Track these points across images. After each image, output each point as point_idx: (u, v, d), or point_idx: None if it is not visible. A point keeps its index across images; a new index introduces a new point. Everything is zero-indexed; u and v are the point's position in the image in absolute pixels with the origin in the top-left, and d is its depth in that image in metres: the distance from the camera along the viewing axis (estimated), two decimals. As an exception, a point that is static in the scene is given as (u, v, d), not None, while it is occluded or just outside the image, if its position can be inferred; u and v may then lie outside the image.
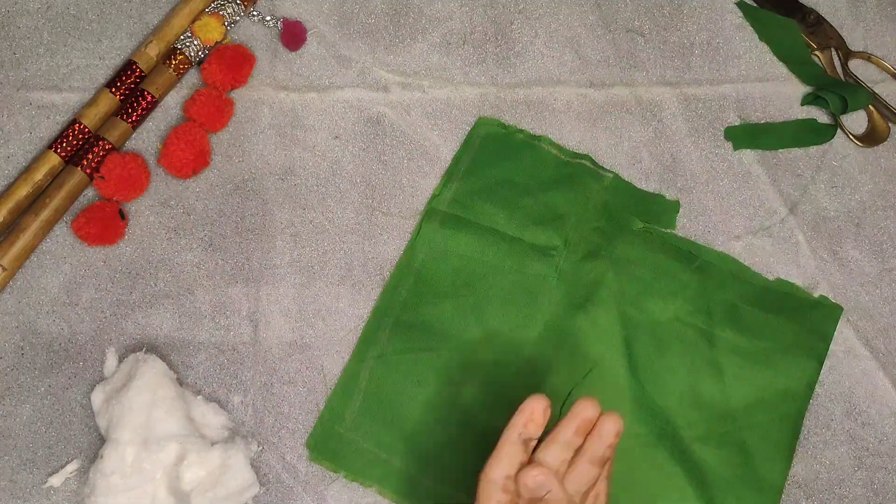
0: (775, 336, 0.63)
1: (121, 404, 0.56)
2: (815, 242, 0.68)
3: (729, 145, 0.70)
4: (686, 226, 0.67)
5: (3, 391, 0.59)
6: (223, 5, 0.68)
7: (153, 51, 0.67)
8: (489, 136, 0.68)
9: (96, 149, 0.63)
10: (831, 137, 0.71)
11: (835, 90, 0.70)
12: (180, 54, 0.67)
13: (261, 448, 0.59)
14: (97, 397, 0.57)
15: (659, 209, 0.67)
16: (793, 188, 0.69)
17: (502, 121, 0.69)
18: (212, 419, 0.58)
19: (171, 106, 0.68)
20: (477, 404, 0.61)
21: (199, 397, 0.59)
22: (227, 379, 0.61)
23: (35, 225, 0.61)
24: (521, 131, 0.69)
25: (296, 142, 0.67)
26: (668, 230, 0.67)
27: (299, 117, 0.68)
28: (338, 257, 0.65)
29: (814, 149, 0.71)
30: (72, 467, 0.58)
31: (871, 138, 0.71)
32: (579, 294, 0.63)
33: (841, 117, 0.71)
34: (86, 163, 0.63)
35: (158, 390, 0.56)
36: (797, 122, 0.71)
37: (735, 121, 0.71)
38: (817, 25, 0.74)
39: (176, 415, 0.56)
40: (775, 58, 0.73)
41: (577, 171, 0.68)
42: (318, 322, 0.63)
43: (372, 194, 0.67)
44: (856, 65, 0.73)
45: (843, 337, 0.65)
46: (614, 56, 0.72)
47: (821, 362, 0.63)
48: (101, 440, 0.57)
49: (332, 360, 0.62)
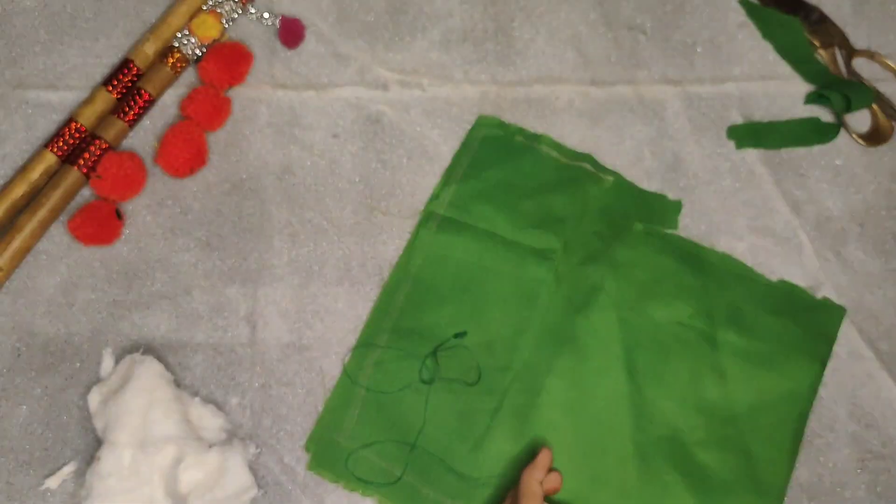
0: (778, 338, 0.63)
1: (118, 406, 0.55)
2: (818, 242, 0.67)
3: (732, 144, 0.70)
4: (688, 226, 0.67)
5: (0, 393, 0.59)
6: (221, 3, 0.68)
7: (150, 49, 0.66)
8: (488, 139, 0.68)
9: (93, 148, 0.63)
10: (835, 136, 0.70)
11: (838, 89, 0.70)
12: (177, 52, 0.66)
13: (259, 450, 0.59)
14: (94, 399, 0.57)
15: (661, 209, 0.67)
16: (796, 188, 0.69)
17: (503, 119, 0.68)
18: (209, 421, 0.58)
19: (168, 104, 0.67)
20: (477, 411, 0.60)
21: (197, 399, 0.58)
22: (224, 380, 0.61)
23: (31, 225, 0.61)
24: (521, 131, 0.68)
25: (294, 140, 0.67)
26: (670, 230, 0.66)
27: (297, 116, 0.68)
28: (336, 257, 0.64)
29: (817, 148, 0.70)
30: (69, 469, 0.57)
31: (874, 137, 0.71)
32: (578, 298, 0.63)
33: (844, 116, 0.71)
34: (82, 162, 0.63)
35: (155, 392, 0.56)
36: (800, 120, 0.71)
37: (738, 120, 0.70)
38: (820, 23, 0.73)
39: (173, 417, 0.56)
40: (778, 56, 0.73)
41: (577, 174, 0.67)
42: (316, 323, 0.62)
43: (371, 194, 0.66)
44: (859, 63, 0.73)
45: (847, 338, 0.64)
46: (616, 54, 0.72)
47: (824, 364, 0.63)
48: (98, 442, 0.57)
49: (330, 361, 0.61)
